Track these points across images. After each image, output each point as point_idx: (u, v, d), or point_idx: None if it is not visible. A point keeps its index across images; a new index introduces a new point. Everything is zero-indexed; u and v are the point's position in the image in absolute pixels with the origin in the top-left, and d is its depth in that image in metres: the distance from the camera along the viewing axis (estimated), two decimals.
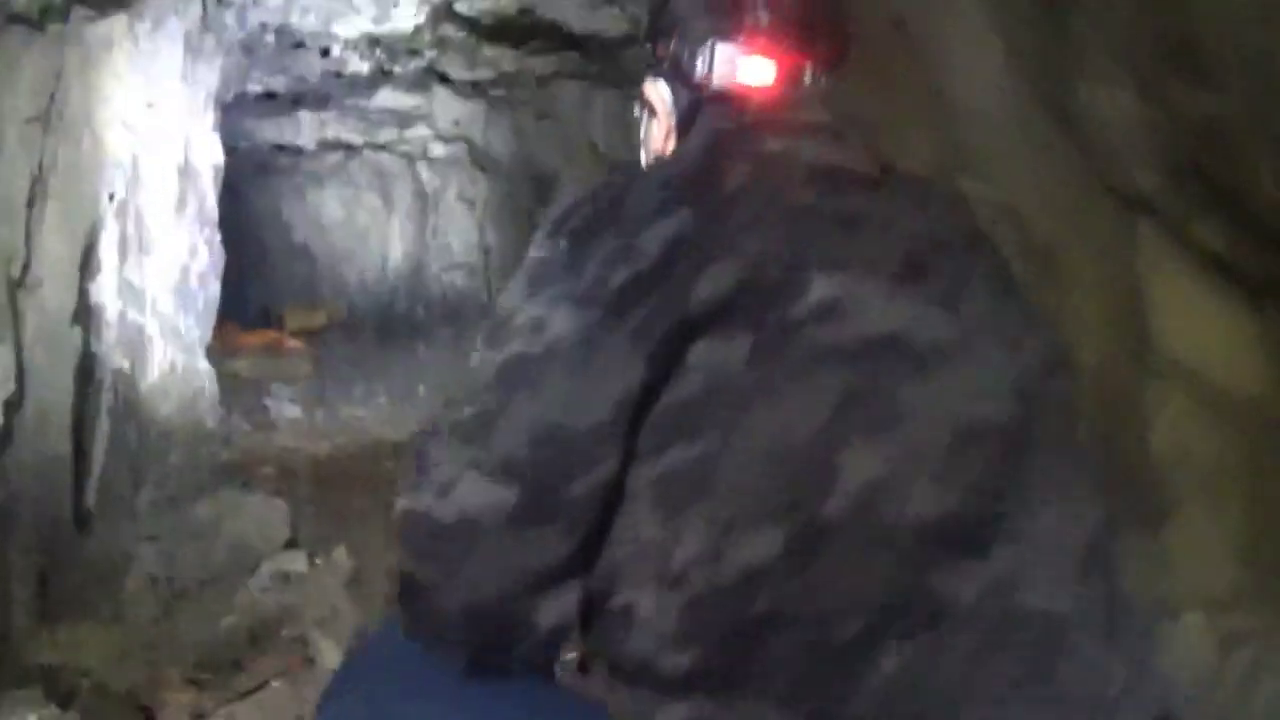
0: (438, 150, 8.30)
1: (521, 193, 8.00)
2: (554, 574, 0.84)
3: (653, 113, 1.11)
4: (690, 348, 0.81)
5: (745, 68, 1.03)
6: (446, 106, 7.15)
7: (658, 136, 1.10)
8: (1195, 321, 2.63)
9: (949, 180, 3.36)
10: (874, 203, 0.93)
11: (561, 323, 0.84)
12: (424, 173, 9.06)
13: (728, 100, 1.02)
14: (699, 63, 1.04)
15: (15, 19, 2.60)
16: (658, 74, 1.09)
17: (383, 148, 8.50)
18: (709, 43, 1.03)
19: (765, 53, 1.03)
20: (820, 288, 0.83)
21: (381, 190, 9.65)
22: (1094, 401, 3.05)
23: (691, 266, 0.83)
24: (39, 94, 2.84)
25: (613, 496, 0.84)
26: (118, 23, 3.21)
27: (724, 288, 0.82)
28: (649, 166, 1.04)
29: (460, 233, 9.13)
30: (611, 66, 5.66)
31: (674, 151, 1.07)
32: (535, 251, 0.91)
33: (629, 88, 6.04)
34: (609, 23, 4.74)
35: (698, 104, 1.04)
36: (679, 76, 1.06)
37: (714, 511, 0.79)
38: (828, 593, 0.77)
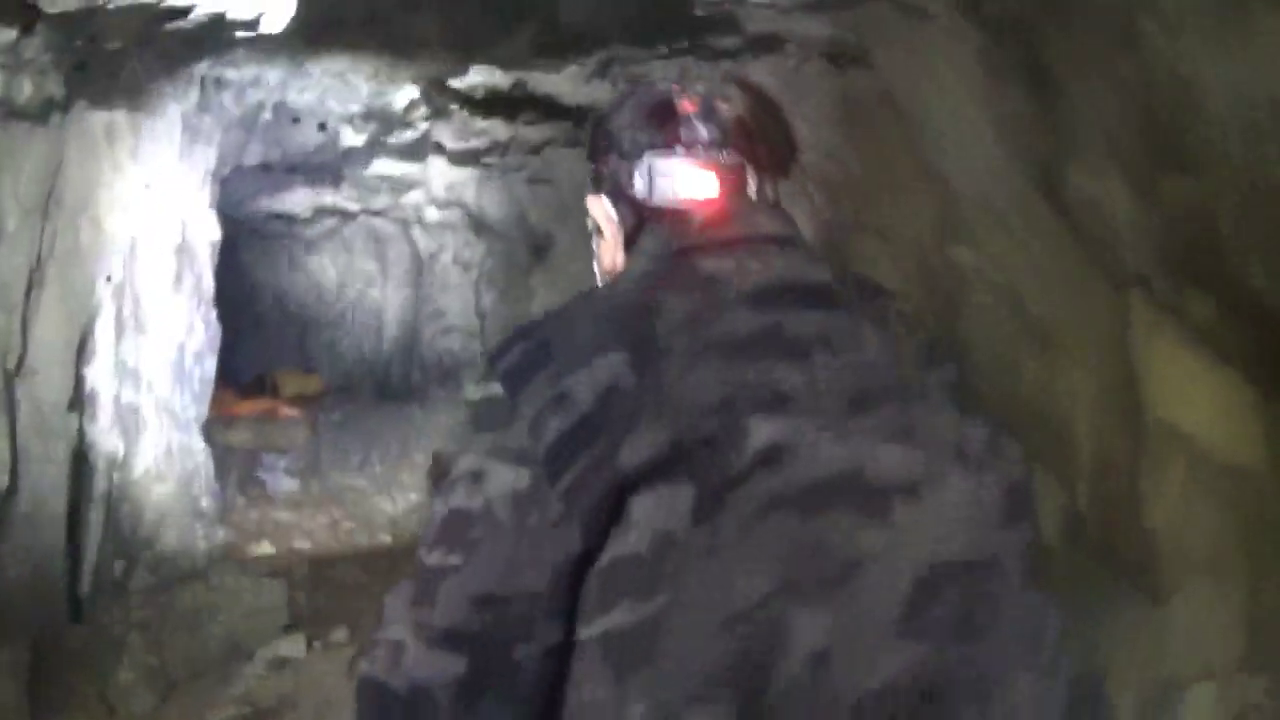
0: (432, 215, 8.37)
1: (517, 255, 8.06)
2: None
3: (599, 231, 1.07)
4: (632, 501, 0.77)
5: (685, 182, 0.99)
6: (441, 173, 7.24)
7: (606, 254, 1.06)
8: (1189, 391, 2.64)
9: (946, 250, 3.41)
10: (826, 321, 0.88)
11: (496, 480, 0.82)
12: (419, 237, 9.13)
13: (670, 217, 0.99)
14: (637, 179, 1.00)
15: (17, 113, 2.63)
16: (600, 190, 1.05)
17: (378, 213, 8.57)
18: (645, 158, 1.00)
19: (705, 166, 0.99)
20: (762, 433, 0.78)
21: (377, 254, 9.70)
22: (1090, 474, 3.05)
23: (625, 424, 0.79)
24: (39, 184, 2.87)
25: (561, 661, 0.82)
26: (118, 113, 3.24)
27: (660, 446, 0.77)
28: (582, 299, 0.99)
29: (456, 296, 9.16)
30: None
31: (613, 280, 1.03)
32: (473, 392, 0.93)
33: None
34: (600, 94, 4.81)
35: (641, 221, 1.01)
36: (620, 194, 1.02)
37: (661, 680, 0.75)
38: None
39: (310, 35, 3.75)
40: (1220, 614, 2.65)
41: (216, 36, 2.42)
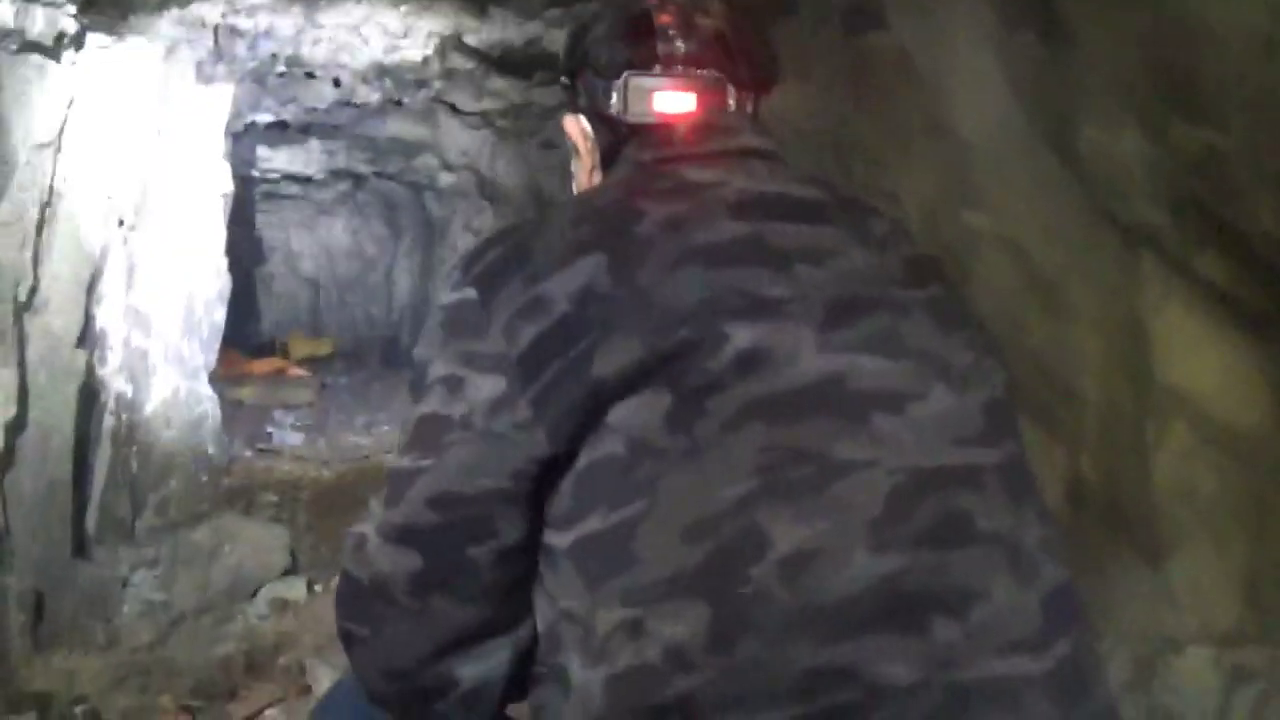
0: (445, 179, 8.36)
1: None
2: (467, 636, 0.85)
3: (576, 151, 1.05)
4: (609, 409, 0.76)
5: (662, 100, 0.97)
6: (454, 136, 7.22)
7: (584, 174, 1.05)
8: (1197, 353, 2.63)
9: (946, 212, 3.39)
10: (809, 234, 0.86)
11: (474, 388, 0.81)
12: (431, 202, 9.13)
13: (648, 133, 0.97)
14: (614, 97, 0.97)
15: (30, 46, 2.64)
16: (577, 109, 1.03)
17: (391, 177, 8.56)
18: (623, 76, 0.97)
19: (681, 84, 0.97)
20: (741, 338, 0.77)
21: (388, 219, 9.71)
22: (1096, 435, 3.04)
23: (600, 329, 0.78)
24: (51, 119, 2.88)
25: (519, 563, 0.83)
26: (130, 51, 3.24)
27: (636, 353, 0.76)
28: (559, 204, 0.98)
29: None
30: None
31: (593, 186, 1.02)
32: (446, 297, 0.88)
33: None
34: None
35: (619, 139, 0.99)
36: (597, 111, 1.00)
37: (634, 583, 0.74)
38: (754, 674, 0.70)
39: None
40: (1219, 577, 2.64)
41: None
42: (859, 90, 3.92)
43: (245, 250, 7.97)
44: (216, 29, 4.11)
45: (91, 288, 3.30)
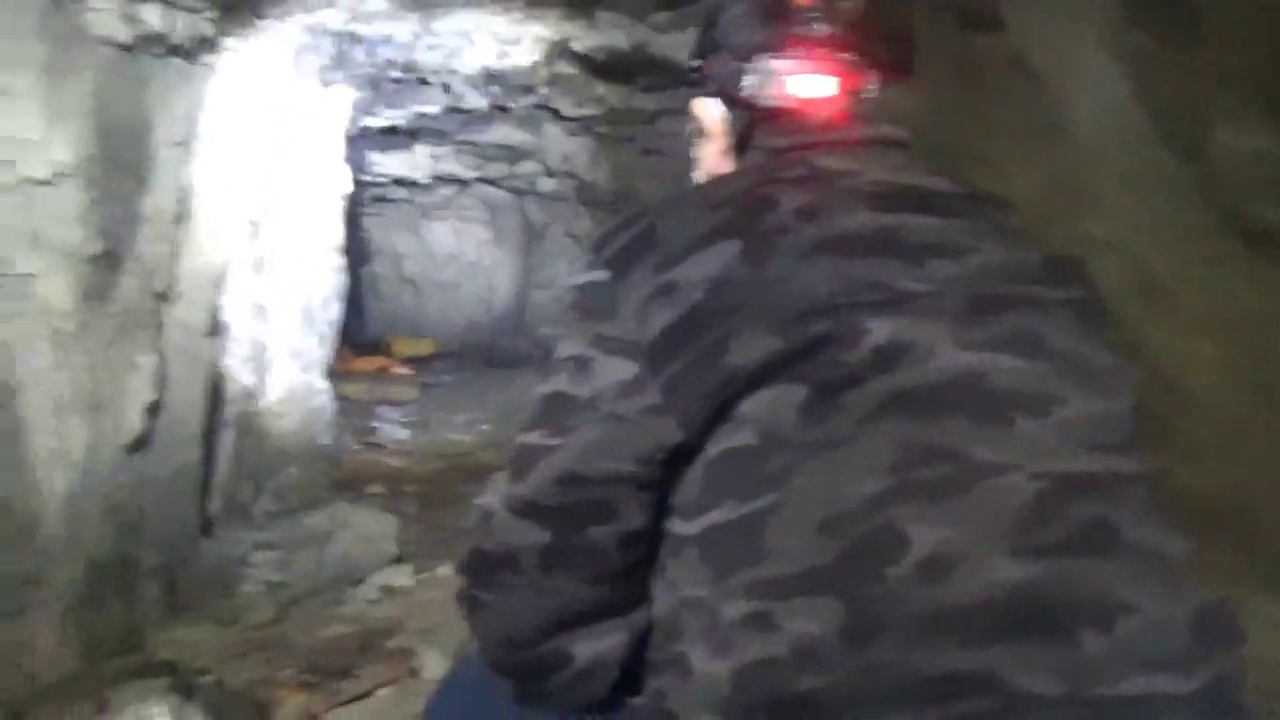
0: (546, 185, 8.51)
1: None
2: (585, 614, 0.87)
3: (704, 133, 1.04)
4: (739, 400, 0.76)
5: (799, 84, 0.95)
6: (556, 142, 7.35)
7: (711, 158, 1.04)
8: None
9: (1058, 214, 3.31)
10: (945, 228, 0.84)
11: (603, 372, 0.82)
12: (531, 206, 9.30)
13: (783, 118, 0.96)
14: (749, 80, 0.97)
15: (172, 50, 2.80)
16: (708, 92, 1.03)
17: (493, 182, 8.76)
18: (760, 58, 0.97)
19: (821, 67, 0.96)
20: (878, 332, 0.76)
21: (490, 222, 9.93)
22: (1215, 446, 2.92)
23: (735, 318, 0.77)
24: (187, 120, 3.05)
25: (640, 547, 0.84)
26: (260, 57, 3.42)
27: (772, 344, 0.76)
28: (692, 188, 0.95)
29: (566, 267, 9.32)
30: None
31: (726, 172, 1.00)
32: (578, 277, 0.89)
33: None
34: None
35: (751, 123, 0.98)
36: (730, 95, 0.99)
37: (764, 576, 0.73)
38: (886, 674, 0.68)
39: None
40: None
41: None
42: (970, 89, 3.86)
43: (352, 251, 8.26)
44: (338, 36, 4.30)
45: (220, 282, 3.48)
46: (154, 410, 2.91)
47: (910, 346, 0.76)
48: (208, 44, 2.91)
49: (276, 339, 4.18)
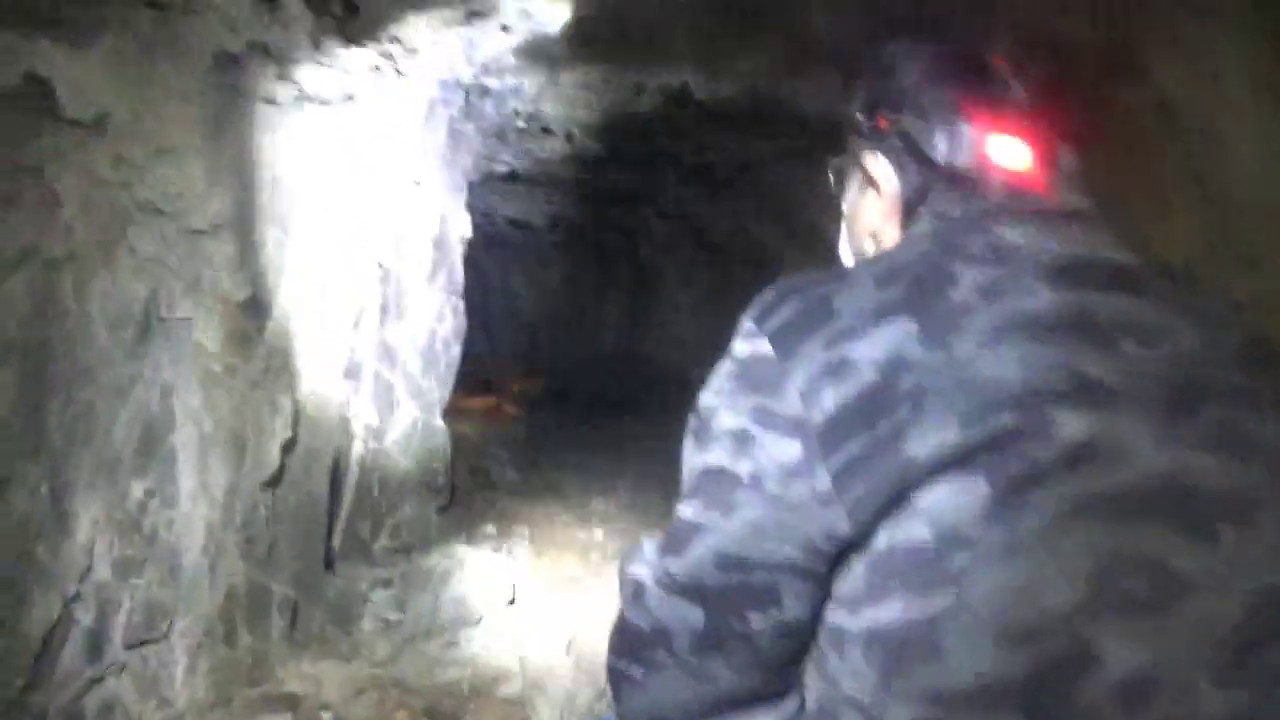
0: (659, 228, 8.59)
1: (739, 273, 8.12)
2: (736, 700, 0.83)
3: (872, 186, 0.99)
4: (915, 492, 0.72)
5: (997, 149, 0.90)
6: (670, 187, 7.42)
7: (874, 214, 0.99)
8: None
9: (1222, 274, 3.14)
10: (1135, 307, 0.79)
11: (766, 451, 0.78)
12: (644, 250, 9.40)
13: (967, 183, 0.91)
14: (940, 141, 0.91)
15: (320, 105, 2.94)
16: (878, 147, 0.98)
17: (607, 225, 8.89)
18: (954, 119, 0.91)
19: (1019, 132, 0.91)
20: (1070, 426, 0.70)
21: (602, 265, 10.07)
22: None
23: (912, 404, 0.73)
24: (330, 170, 3.19)
25: (800, 636, 0.80)
26: (397, 109, 3.56)
27: (953, 436, 0.71)
28: (863, 259, 0.91)
29: (676, 310, 9.36)
30: (836, 149, 5.70)
31: (897, 242, 0.96)
32: (739, 347, 0.85)
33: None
34: (841, 105, 4.78)
35: (927, 185, 0.93)
36: (911, 153, 0.94)
37: (939, 683, 0.68)
38: None
39: (568, 47, 3.98)
40: None
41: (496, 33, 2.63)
42: (1112, 141, 3.72)
43: (468, 291, 8.50)
44: (468, 89, 4.45)
45: (354, 324, 3.60)
46: (290, 447, 3.02)
47: (1105, 444, 0.71)
48: (352, 99, 3.05)
49: (400, 379, 4.31)
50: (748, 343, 0.85)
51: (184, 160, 2.52)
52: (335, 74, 2.87)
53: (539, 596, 3.93)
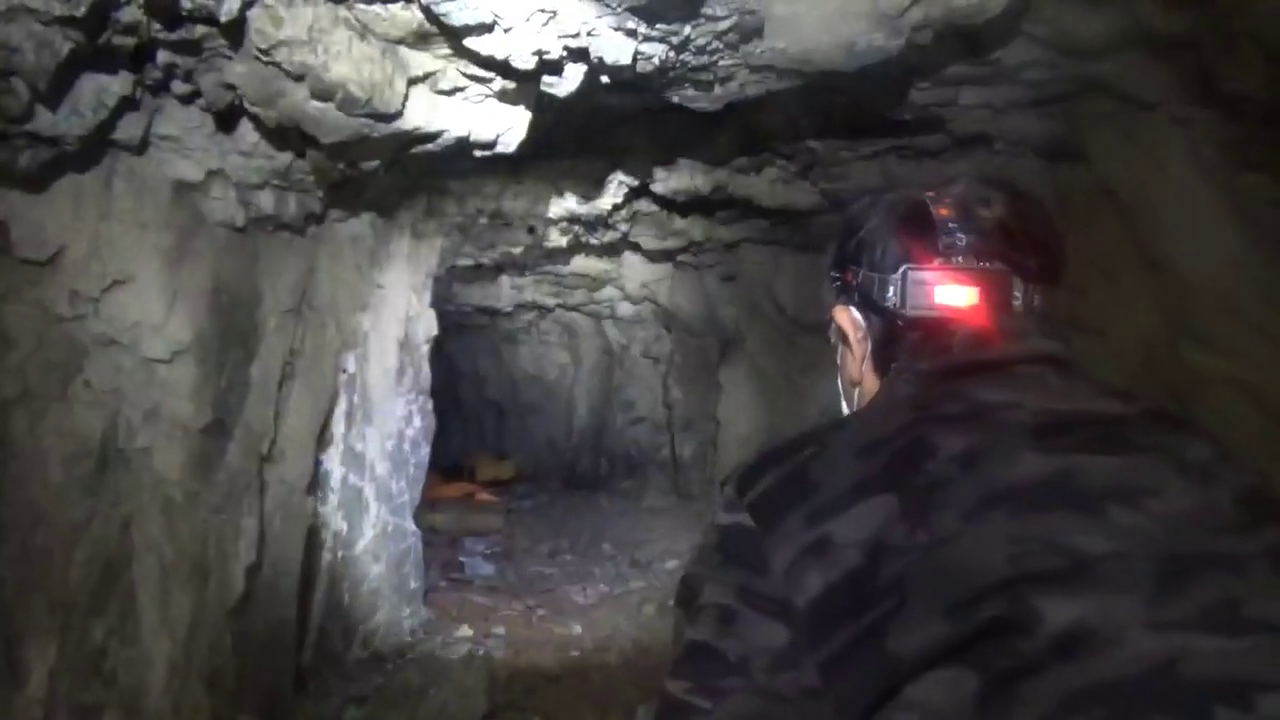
0: (625, 309, 8.64)
1: (706, 350, 8.16)
2: None
3: (845, 341, 1.02)
4: (902, 687, 0.71)
5: (943, 293, 0.92)
6: (635, 270, 7.49)
7: (852, 365, 1.01)
8: None
9: (1173, 351, 3.20)
10: (1121, 468, 0.77)
11: (752, 633, 0.78)
12: (611, 330, 9.43)
13: (928, 329, 0.92)
14: (891, 291, 0.94)
15: (282, 226, 2.95)
16: (848, 301, 1.00)
17: (574, 308, 8.94)
18: (901, 270, 0.94)
19: (963, 277, 0.92)
20: (1057, 617, 0.69)
21: (570, 346, 10.09)
22: None
23: (896, 595, 0.72)
24: (295, 288, 3.18)
25: None
26: (362, 224, 3.57)
27: (937, 628, 0.70)
28: (838, 426, 0.91)
29: (644, 389, 9.36)
30: (799, 232, 5.80)
31: (872, 401, 0.97)
32: (722, 518, 0.84)
33: (814, 253, 6.17)
34: (799, 196, 4.88)
35: (892, 335, 0.95)
36: (870, 305, 0.96)
37: None
38: None
39: (528, 149, 4.03)
40: None
41: (457, 156, 2.67)
42: (1058, 218, 3.80)
43: (436, 376, 8.47)
44: (429, 190, 4.49)
45: (320, 435, 3.56)
46: (255, 570, 2.94)
47: (1093, 633, 0.69)
48: (315, 218, 3.05)
49: (369, 484, 4.25)
50: (730, 514, 0.84)
51: (142, 289, 2.50)
52: (297, 196, 2.88)
53: (517, 702, 3.83)
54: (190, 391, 2.64)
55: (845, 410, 1.09)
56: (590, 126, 3.93)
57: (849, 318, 1.00)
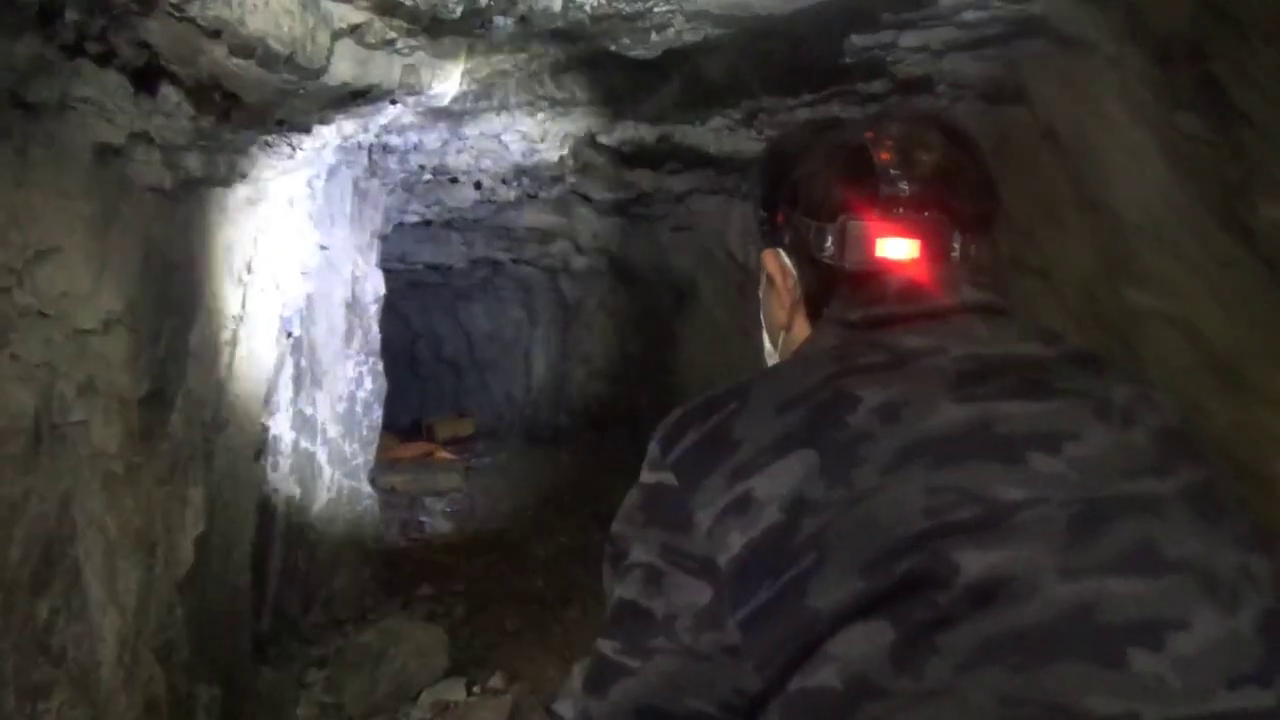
0: (579, 263, 8.58)
1: (661, 301, 8.15)
2: None
3: (772, 284, 0.98)
4: (822, 642, 0.71)
5: (882, 245, 0.89)
6: (587, 223, 7.43)
7: (779, 309, 0.98)
8: None
9: (1113, 289, 3.25)
10: (1039, 413, 0.77)
11: (678, 593, 0.78)
12: (566, 284, 9.37)
13: (863, 280, 0.90)
14: (828, 241, 0.90)
15: (214, 188, 2.87)
16: (777, 243, 0.97)
17: (528, 262, 8.86)
18: (839, 219, 0.90)
19: (906, 230, 0.89)
20: (973, 567, 0.69)
21: (525, 302, 10.02)
22: None
23: (815, 552, 0.72)
24: (231, 251, 3.11)
25: None
26: (298, 179, 3.49)
27: (854, 584, 0.71)
28: (762, 380, 0.88)
29: (601, 341, 9.34)
30: (747, 181, 5.77)
31: (796, 352, 0.95)
32: (647, 475, 0.84)
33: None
34: (745, 144, 4.84)
35: (828, 283, 0.92)
36: (804, 252, 0.93)
37: None
38: None
39: (468, 104, 3.95)
40: None
41: (387, 108, 2.60)
42: (1001, 162, 3.83)
43: (392, 337, 8.39)
44: (371, 148, 4.39)
45: (266, 400, 3.51)
46: (204, 540, 2.91)
47: (1009, 582, 0.69)
48: (250, 179, 2.98)
49: (321, 448, 4.21)
50: (654, 472, 0.83)
51: (68, 259, 2.42)
52: (224, 156, 2.80)
53: (479, 659, 3.86)
54: (125, 362, 2.58)
55: (768, 348, 1.07)
56: (530, 79, 3.86)
57: (778, 263, 0.97)
